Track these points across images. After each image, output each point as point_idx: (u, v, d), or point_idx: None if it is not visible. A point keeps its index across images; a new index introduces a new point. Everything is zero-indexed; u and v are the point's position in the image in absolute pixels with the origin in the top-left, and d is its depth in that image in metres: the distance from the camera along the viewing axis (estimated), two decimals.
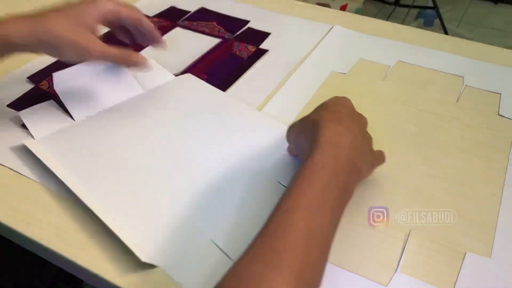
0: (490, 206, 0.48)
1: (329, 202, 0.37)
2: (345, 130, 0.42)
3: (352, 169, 0.40)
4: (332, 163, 0.39)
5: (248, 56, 0.70)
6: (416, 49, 0.72)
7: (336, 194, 0.38)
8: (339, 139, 0.41)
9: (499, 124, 0.58)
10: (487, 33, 2.25)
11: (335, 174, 0.38)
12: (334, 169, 0.39)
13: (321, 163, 0.39)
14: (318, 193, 0.37)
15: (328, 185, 0.38)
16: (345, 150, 0.40)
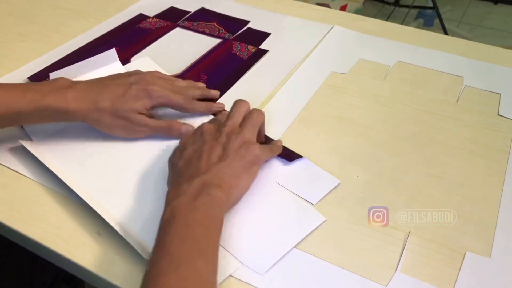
0: (490, 206, 0.48)
1: (192, 243, 0.39)
2: (190, 171, 0.45)
3: (206, 198, 0.42)
4: (180, 210, 0.41)
5: (248, 56, 0.70)
6: (416, 49, 0.72)
7: (196, 230, 0.39)
8: (182, 187, 0.43)
9: (499, 124, 0.58)
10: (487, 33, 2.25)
11: (188, 214, 0.40)
12: (185, 211, 0.41)
13: (171, 215, 0.41)
14: (177, 245, 0.38)
15: (183, 227, 0.39)
16: (190, 192, 0.42)
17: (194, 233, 0.39)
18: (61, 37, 0.75)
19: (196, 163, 0.45)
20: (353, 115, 0.60)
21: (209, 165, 0.45)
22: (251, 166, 0.47)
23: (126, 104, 0.52)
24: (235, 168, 0.46)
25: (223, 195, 0.43)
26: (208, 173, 0.44)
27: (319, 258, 0.43)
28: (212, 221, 0.41)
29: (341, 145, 0.55)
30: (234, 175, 0.45)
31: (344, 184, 0.50)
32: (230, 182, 0.45)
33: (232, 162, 0.46)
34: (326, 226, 0.46)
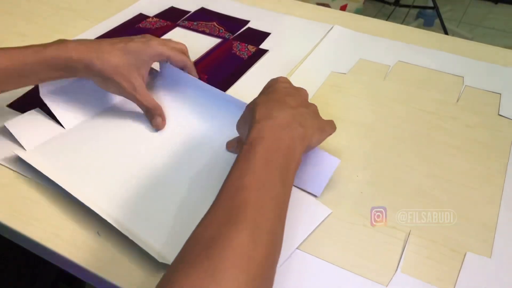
0: (490, 206, 0.48)
1: (275, 169, 0.39)
2: (279, 104, 0.44)
3: (293, 131, 0.42)
4: (269, 132, 0.41)
5: (248, 56, 0.70)
6: (416, 49, 0.72)
7: (280, 158, 0.40)
8: (273, 112, 0.43)
9: (499, 124, 0.58)
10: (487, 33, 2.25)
11: (276, 140, 0.40)
12: (273, 136, 0.41)
13: (259, 136, 0.41)
14: (261, 165, 0.38)
15: (269, 151, 0.40)
16: (280, 119, 0.42)
17: (278, 161, 0.39)
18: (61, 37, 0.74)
19: (286, 97, 0.46)
20: (353, 115, 0.59)
21: (297, 105, 0.45)
22: (323, 129, 0.47)
23: (132, 41, 0.54)
24: (315, 120, 0.46)
25: (304, 135, 0.43)
26: (298, 110, 0.44)
27: (319, 258, 0.43)
28: (293, 156, 0.41)
29: (341, 145, 0.55)
30: (315, 124, 0.46)
31: (344, 184, 0.50)
32: (312, 127, 0.45)
33: (313, 114, 0.47)
34: (326, 226, 0.46)
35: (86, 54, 0.52)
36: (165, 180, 0.50)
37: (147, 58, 0.55)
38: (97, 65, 0.52)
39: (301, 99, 0.48)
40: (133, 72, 0.54)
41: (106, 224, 0.45)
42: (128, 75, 0.54)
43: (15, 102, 0.61)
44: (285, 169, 0.40)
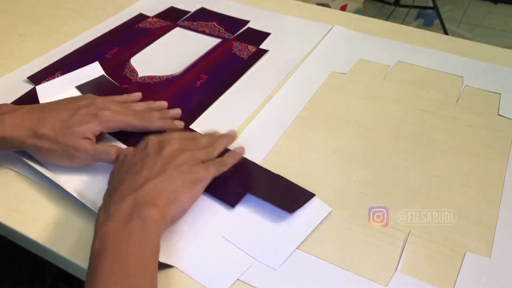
0: (490, 206, 0.48)
1: (126, 279, 0.36)
2: (121, 192, 0.41)
3: (138, 224, 0.38)
4: (111, 239, 0.38)
5: (248, 56, 0.70)
6: (416, 49, 0.72)
7: (130, 263, 0.37)
8: (111, 210, 0.40)
9: (499, 124, 0.58)
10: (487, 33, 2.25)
11: (120, 245, 0.37)
12: (116, 242, 0.38)
13: (101, 247, 0.38)
14: (110, 282, 0.36)
15: (115, 262, 0.36)
16: (119, 215, 0.39)
17: (128, 269, 0.36)
18: (61, 37, 0.75)
19: (131, 178, 0.42)
20: (353, 115, 0.60)
21: (145, 180, 0.42)
22: (193, 183, 0.44)
23: (69, 128, 0.49)
24: (175, 183, 0.43)
25: (158, 215, 0.40)
26: (142, 189, 0.41)
27: (319, 258, 0.43)
28: (147, 250, 0.38)
29: (341, 145, 0.55)
30: (172, 190, 0.42)
31: (344, 184, 0.50)
32: (167, 198, 0.42)
33: (171, 176, 0.43)
34: (326, 226, 0.46)
35: (21, 132, 0.48)
36: None
37: (93, 133, 0.50)
38: (32, 145, 0.49)
39: (160, 164, 0.44)
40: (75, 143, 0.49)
41: None
42: (65, 149, 0.49)
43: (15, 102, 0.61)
44: (140, 274, 0.37)
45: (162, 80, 0.65)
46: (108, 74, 0.66)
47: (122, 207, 0.40)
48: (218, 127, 0.57)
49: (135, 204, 0.40)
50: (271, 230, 0.45)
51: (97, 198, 0.48)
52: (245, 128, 0.57)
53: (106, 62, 0.68)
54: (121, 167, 0.45)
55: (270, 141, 0.55)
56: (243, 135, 0.56)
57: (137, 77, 0.66)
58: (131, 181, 0.42)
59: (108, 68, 0.67)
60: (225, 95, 0.63)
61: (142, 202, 0.40)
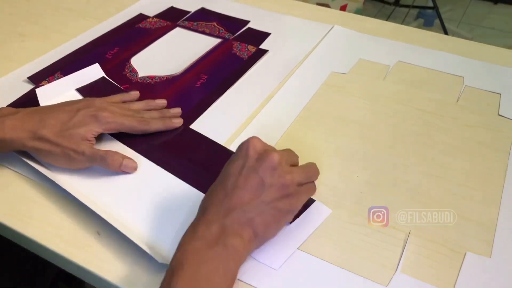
0: (490, 206, 0.48)
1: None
2: (212, 212, 0.40)
3: (222, 251, 0.38)
4: (191, 258, 0.37)
5: (248, 56, 0.70)
6: (416, 49, 0.72)
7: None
8: (199, 230, 0.39)
9: (499, 124, 0.58)
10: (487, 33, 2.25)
11: (197, 268, 0.37)
12: (195, 262, 0.37)
13: (179, 262, 0.37)
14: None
15: (190, 282, 0.36)
16: (206, 238, 0.38)
17: (200, 283, 0.36)
18: (61, 37, 0.75)
19: (223, 198, 0.40)
20: (353, 115, 0.59)
21: (235, 205, 0.40)
22: (284, 214, 0.42)
23: (68, 130, 0.49)
24: (265, 215, 0.40)
25: (242, 247, 0.39)
26: (231, 216, 0.39)
27: (319, 258, 0.43)
28: (223, 276, 0.37)
29: (341, 145, 0.55)
30: (261, 223, 0.40)
31: (344, 184, 0.50)
32: (254, 230, 0.40)
33: (263, 207, 0.40)
34: (326, 226, 0.46)
35: (20, 134, 0.48)
36: (165, 180, 0.50)
37: (93, 135, 0.51)
38: (32, 147, 0.49)
39: (258, 183, 0.40)
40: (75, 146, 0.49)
41: (106, 224, 0.45)
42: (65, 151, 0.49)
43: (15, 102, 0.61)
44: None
45: (162, 80, 0.65)
46: (108, 74, 0.65)
47: (209, 232, 0.38)
48: (218, 127, 0.57)
49: (222, 230, 0.39)
50: None
51: (97, 198, 0.48)
52: (245, 128, 0.57)
53: (106, 62, 0.68)
54: (225, 168, 0.43)
55: (270, 141, 0.55)
56: (243, 135, 0.56)
57: (137, 77, 0.66)
58: (222, 201, 0.40)
59: (108, 68, 0.67)
60: (225, 95, 0.63)
61: (229, 231, 0.39)
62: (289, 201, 0.42)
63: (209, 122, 0.58)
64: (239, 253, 0.39)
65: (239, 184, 0.40)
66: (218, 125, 0.58)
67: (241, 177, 0.41)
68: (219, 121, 0.59)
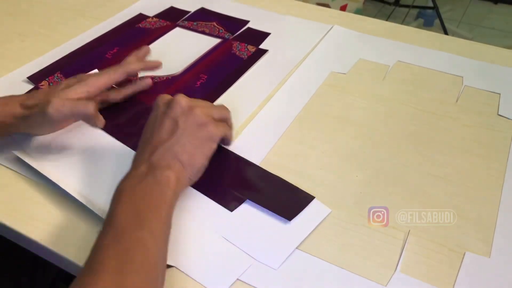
0: (489, 206, 0.48)
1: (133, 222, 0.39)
2: (140, 152, 0.45)
3: (152, 184, 0.42)
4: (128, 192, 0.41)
5: (248, 56, 0.70)
6: (416, 49, 0.72)
7: (145, 209, 0.40)
8: (132, 170, 0.44)
9: (499, 124, 0.58)
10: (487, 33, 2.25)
11: (135, 198, 0.41)
12: (133, 195, 0.41)
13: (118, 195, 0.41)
14: (118, 223, 0.39)
15: (130, 210, 0.39)
16: (137, 175, 0.43)
17: (138, 208, 0.39)
18: (61, 37, 0.75)
19: (145, 145, 0.45)
20: (353, 115, 0.60)
21: (156, 145, 0.45)
22: (204, 141, 0.47)
23: (55, 93, 0.51)
24: (187, 146, 0.45)
25: (173, 177, 0.43)
26: (155, 155, 0.44)
27: (318, 258, 0.43)
28: (159, 198, 0.41)
29: (341, 145, 0.55)
30: (185, 153, 0.45)
31: (343, 184, 0.50)
32: (181, 162, 0.44)
33: (182, 138, 0.45)
34: (326, 226, 0.46)
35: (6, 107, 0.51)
36: None
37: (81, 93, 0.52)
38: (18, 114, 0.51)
39: (170, 124, 0.46)
40: None
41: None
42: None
43: None
44: (150, 213, 0.40)
45: (162, 80, 0.65)
46: None
47: (139, 171, 0.43)
48: None
49: (150, 167, 0.43)
50: (271, 230, 0.45)
51: (97, 198, 0.48)
52: (245, 128, 0.57)
53: (106, 62, 0.68)
54: (144, 127, 0.48)
55: (269, 141, 0.55)
56: (243, 135, 0.56)
57: (137, 77, 0.66)
58: (145, 148, 0.45)
59: None
60: (225, 95, 0.63)
61: (157, 166, 0.43)
62: (206, 129, 0.47)
63: None
64: (171, 181, 0.42)
65: (155, 129, 0.46)
66: None
67: (156, 123, 0.46)
68: None
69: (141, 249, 0.37)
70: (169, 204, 0.42)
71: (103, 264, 0.36)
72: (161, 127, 0.46)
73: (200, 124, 0.47)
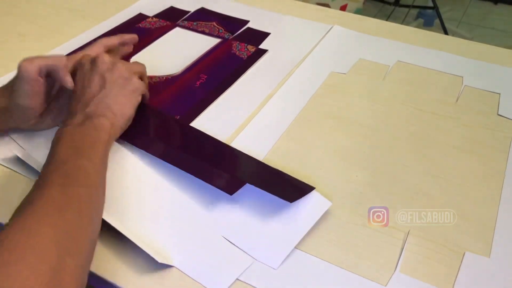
0: (489, 206, 0.48)
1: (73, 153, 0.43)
2: (74, 104, 0.49)
3: (89, 130, 0.46)
4: (66, 134, 0.45)
5: (247, 56, 0.70)
6: (416, 49, 0.72)
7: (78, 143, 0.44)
8: (68, 119, 0.48)
9: (499, 124, 0.58)
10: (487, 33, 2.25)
11: (73, 138, 0.45)
12: (70, 136, 0.45)
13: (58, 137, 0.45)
14: (58, 157, 0.43)
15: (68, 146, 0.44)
16: (74, 122, 0.47)
17: (77, 145, 0.44)
18: (61, 37, 0.75)
19: (78, 98, 0.49)
20: (353, 115, 0.60)
21: (89, 97, 0.49)
22: (132, 93, 0.52)
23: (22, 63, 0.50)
24: (117, 97, 0.50)
25: (107, 123, 0.47)
26: (90, 105, 0.48)
27: (318, 258, 0.43)
28: (96, 138, 0.45)
29: (341, 145, 0.55)
30: (115, 103, 0.49)
31: (343, 184, 0.50)
32: (113, 111, 0.49)
33: (112, 90, 0.50)
34: (326, 226, 0.46)
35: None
36: (165, 180, 0.50)
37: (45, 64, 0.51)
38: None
39: (98, 79, 0.50)
40: None
41: (106, 224, 0.45)
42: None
43: None
44: (88, 148, 0.44)
45: (161, 80, 0.65)
46: None
47: (76, 119, 0.47)
48: (217, 127, 0.57)
49: (86, 117, 0.47)
50: (271, 228, 0.45)
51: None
52: (244, 128, 0.57)
53: None
54: (73, 91, 0.51)
55: (270, 141, 0.55)
56: (243, 135, 0.56)
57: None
58: (78, 102, 0.49)
59: None
60: (224, 95, 0.63)
61: (92, 115, 0.47)
62: (131, 81, 0.52)
63: (208, 122, 0.58)
64: (106, 127, 0.47)
65: (85, 85, 0.50)
66: (217, 124, 0.58)
67: (85, 80, 0.50)
68: (218, 121, 0.59)
69: (82, 173, 0.41)
70: (105, 144, 0.46)
71: (48, 181, 0.40)
72: (90, 82, 0.50)
73: (125, 78, 0.52)
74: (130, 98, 0.52)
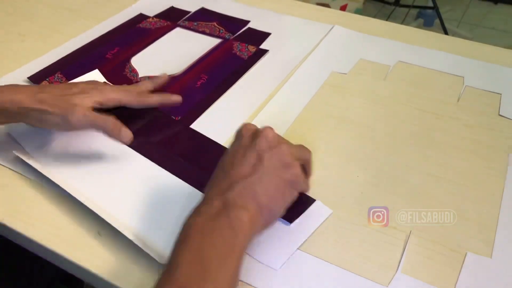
0: (490, 206, 0.48)
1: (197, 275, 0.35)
2: (213, 187, 0.40)
3: (225, 225, 0.37)
4: (195, 233, 0.37)
5: (248, 56, 0.70)
6: (416, 49, 0.72)
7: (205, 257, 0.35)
8: (201, 207, 0.39)
9: (499, 124, 0.58)
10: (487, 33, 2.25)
11: (201, 240, 0.36)
12: (199, 237, 0.37)
13: (184, 236, 0.37)
14: (180, 275, 0.35)
15: (196, 250, 0.36)
16: (209, 213, 0.38)
17: (203, 258, 0.35)
18: (61, 37, 0.75)
19: (223, 176, 0.41)
20: (354, 115, 0.59)
21: (236, 179, 0.39)
22: (287, 185, 0.41)
23: (68, 96, 0.49)
24: (267, 186, 0.40)
25: (247, 219, 0.37)
26: (232, 190, 0.39)
27: (319, 258, 0.43)
28: (229, 245, 0.36)
29: (341, 145, 0.55)
30: (264, 195, 0.39)
31: (344, 184, 0.50)
32: (258, 203, 0.39)
33: (264, 177, 0.40)
34: (326, 226, 0.46)
35: (22, 96, 0.49)
36: (166, 180, 0.50)
37: (96, 103, 0.51)
38: (28, 105, 0.49)
39: (254, 158, 0.41)
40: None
41: (106, 224, 0.45)
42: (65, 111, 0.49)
43: None
44: (216, 263, 0.35)
45: None
46: (108, 75, 0.65)
47: (211, 207, 0.38)
48: (218, 127, 0.57)
49: (224, 205, 0.38)
50: (272, 231, 0.45)
51: (97, 197, 0.48)
52: None
53: (106, 63, 0.68)
54: (223, 154, 0.43)
55: None
56: None
57: (138, 78, 0.66)
58: (222, 180, 0.40)
59: (109, 68, 0.67)
60: (225, 95, 0.63)
61: (232, 204, 0.38)
62: (290, 171, 0.42)
63: (209, 122, 0.58)
64: (245, 225, 0.37)
65: (237, 161, 0.41)
66: (218, 125, 0.58)
67: (238, 154, 0.41)
68: (219, 121, 0.59)
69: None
70: (239, 252, 0.37)
71: None
72: (243, 160, 0.41)
73: (285, 164, 0.41)
74: (283, 191, 0.41)
